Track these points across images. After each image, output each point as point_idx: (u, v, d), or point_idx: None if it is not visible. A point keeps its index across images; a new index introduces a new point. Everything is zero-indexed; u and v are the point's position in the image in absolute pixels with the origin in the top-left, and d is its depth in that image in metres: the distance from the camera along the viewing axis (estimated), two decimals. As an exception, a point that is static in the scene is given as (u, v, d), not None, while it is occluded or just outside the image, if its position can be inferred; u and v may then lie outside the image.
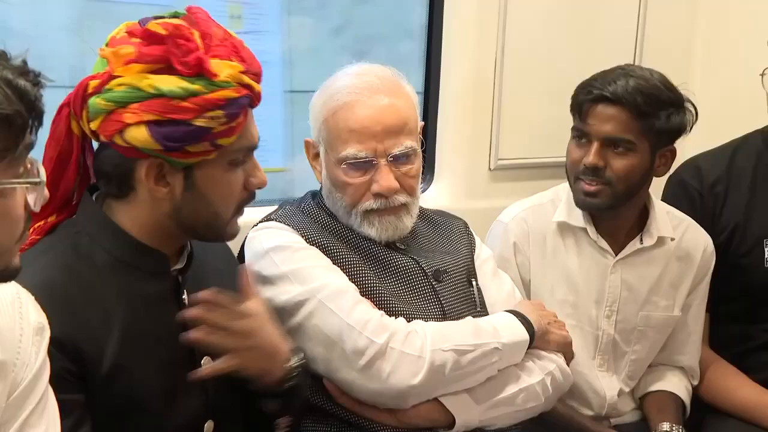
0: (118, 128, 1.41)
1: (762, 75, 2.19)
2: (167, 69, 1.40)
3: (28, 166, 1.09)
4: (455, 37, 2.58)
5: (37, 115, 1.06)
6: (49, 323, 1.30)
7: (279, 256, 1.79)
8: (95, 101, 1.41)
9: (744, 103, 2.31)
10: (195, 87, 1.39)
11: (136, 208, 1.50)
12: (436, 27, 2.62)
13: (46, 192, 1.13)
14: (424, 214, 2.03)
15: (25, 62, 1.08)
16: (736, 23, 2.31)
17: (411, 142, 1.84)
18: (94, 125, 1.44)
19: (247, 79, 1.45)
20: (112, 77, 1.41)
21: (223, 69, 1.42)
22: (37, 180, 1.09)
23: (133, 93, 1.39)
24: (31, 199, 1.10)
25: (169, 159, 1.44)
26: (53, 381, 1.29)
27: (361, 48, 2.82)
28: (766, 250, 2.28)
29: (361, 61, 1.90)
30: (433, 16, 2.64)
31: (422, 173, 1.92)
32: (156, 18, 1.46)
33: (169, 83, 1.39)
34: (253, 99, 1.48)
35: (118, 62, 1.41)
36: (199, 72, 1.39)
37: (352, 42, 2.84)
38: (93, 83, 1.42)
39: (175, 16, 1.47)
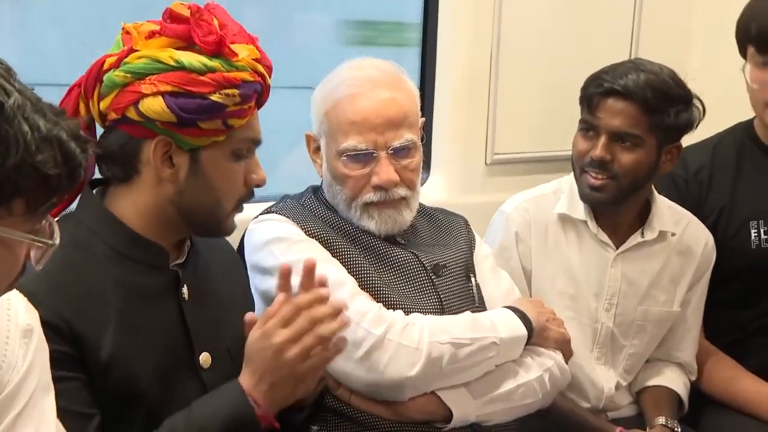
0: (133, 99, 1.43)
1: (743, 70, 2.21)
2: (188, 47, 1.45)
3: (44, 223, 1.09)
4: (450, 30, 2.58)
5: (74, 180, 1.06)
6: (49, 311, 1.31)
7: (278, 248, 1.79)
8: (112, 75, 1.44)
9: (740, 98, 2.31)
10: (214, 64, 1.44)
11: (138, 194, 1.50)
12: (431, 20, 2.61)
13: (50, 252, 1.12)
14: (425, 211, 2.03)
15: (78, 124, 1.08)
16: (733, 18, 2.32)
17: (411, 136, 1.84)
18: (105, 103, 1.46)
19: (260, 68, 1.49)
20: (132, 51, 1.44)
21: (242, 51, 1.47)
22: (51, 242, 1.09)
23: (152, 65, 1.43)
24: (35, 256, 1.10)
25: (179, 137, 1.46)
26: (55, 364, 1.29)
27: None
28: (752, 231, 2.29)
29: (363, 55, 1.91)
30: (428, 9, 2.63)
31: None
32: None
33: (190, 57, 1.43)
34: (263, 91, 1.51)
35: (139, 36, 1.45)
36: (219, 51, 1.44)
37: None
38: (110, 60, 1.46)
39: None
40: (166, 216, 1.52)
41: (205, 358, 1.55)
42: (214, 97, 1.43)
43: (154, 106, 1.42)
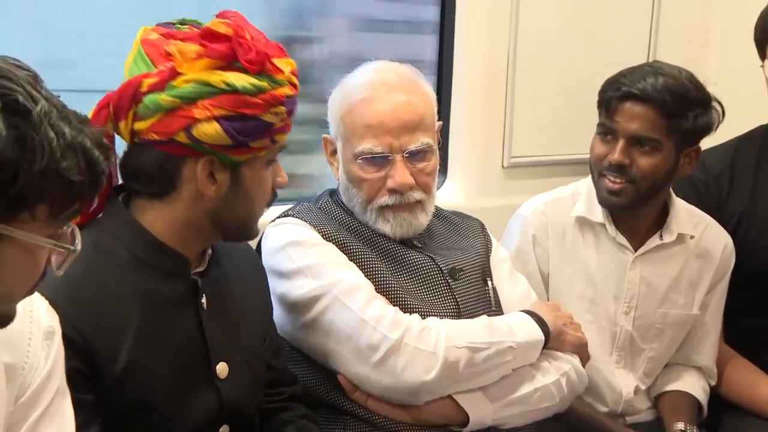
0: (185, 124, 1.41)
1: (762, 66, 2.21)
2: (231, 66, 1.42)
3: (66, 229, 1.10)
4: (468, 34, 2.58)
5: (96, 186, 1.08)
6: (65, 321, 1.30)
7: (295, 251, 1.80)
8: (155, 98, 1.41)
9: (759, 101, 2.30)
10: (262, 83, 1.43)
11: (172, 208, 1.50)
12: (448, 24, 2.61)
13: (71, 258, 1.13)
14: (441, 214, 2.03)
15: (101, 132, 1.09)
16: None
17: (427, 139, 1.84)
18: (144, 124, 1.43)
19: (295, 79, 1.49)
20: (177, 74, 1.41)
21: (284, 66, 1.46)
22: (72, 248, 1.10)
23: (203, 89, 1.41)
24: (56, 261, 1.11)
25: (225, 156, 1.45)
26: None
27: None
28: None
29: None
30: (445, 13, 2.63)
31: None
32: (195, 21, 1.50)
33: (240, 79, 1.41)
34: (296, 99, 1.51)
35: (184, 59, 1.42)
36: (262, 69, 1.43)
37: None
38: (148, 81, 1.42)
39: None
40: (198, 226, 1.51)
41: (222, 369, 1.55)
42: (266, 117, 1.43)
43: (209, 130, 1.41)
